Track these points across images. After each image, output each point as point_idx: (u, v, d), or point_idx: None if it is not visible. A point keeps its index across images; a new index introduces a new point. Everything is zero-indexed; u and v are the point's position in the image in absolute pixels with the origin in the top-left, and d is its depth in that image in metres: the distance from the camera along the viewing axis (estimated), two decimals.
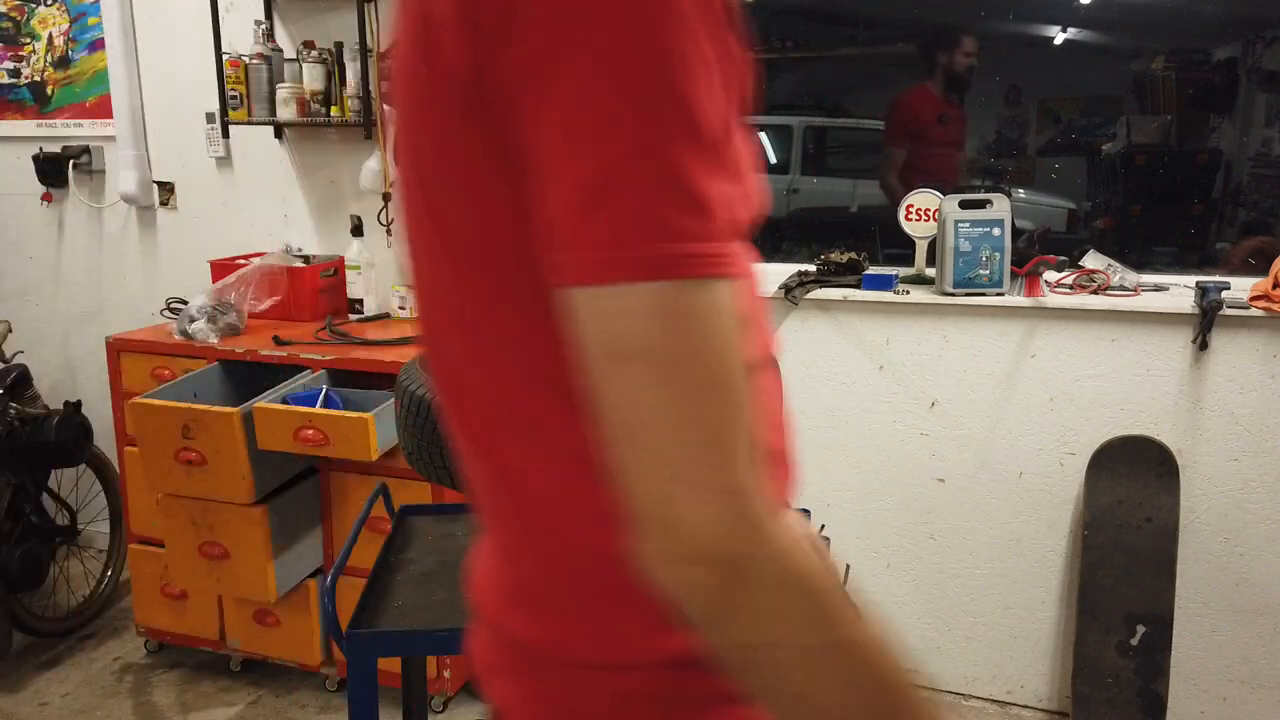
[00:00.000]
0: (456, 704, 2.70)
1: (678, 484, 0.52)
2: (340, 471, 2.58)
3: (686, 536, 0.52)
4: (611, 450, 0.54)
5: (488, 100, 0.55)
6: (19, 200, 3.53)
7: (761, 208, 0.62)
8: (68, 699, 2.77)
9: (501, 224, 0.59)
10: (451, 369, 0.71)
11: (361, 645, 1.27)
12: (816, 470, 2.76)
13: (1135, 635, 2.45)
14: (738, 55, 0.57)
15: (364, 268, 2.93)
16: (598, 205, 0.51)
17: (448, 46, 0.55)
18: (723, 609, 0.54)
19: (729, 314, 0.53)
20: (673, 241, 0.51)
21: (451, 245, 0.63)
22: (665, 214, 0.51)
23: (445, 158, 0.59)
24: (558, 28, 0.51)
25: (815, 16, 4.81)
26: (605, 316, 0.52)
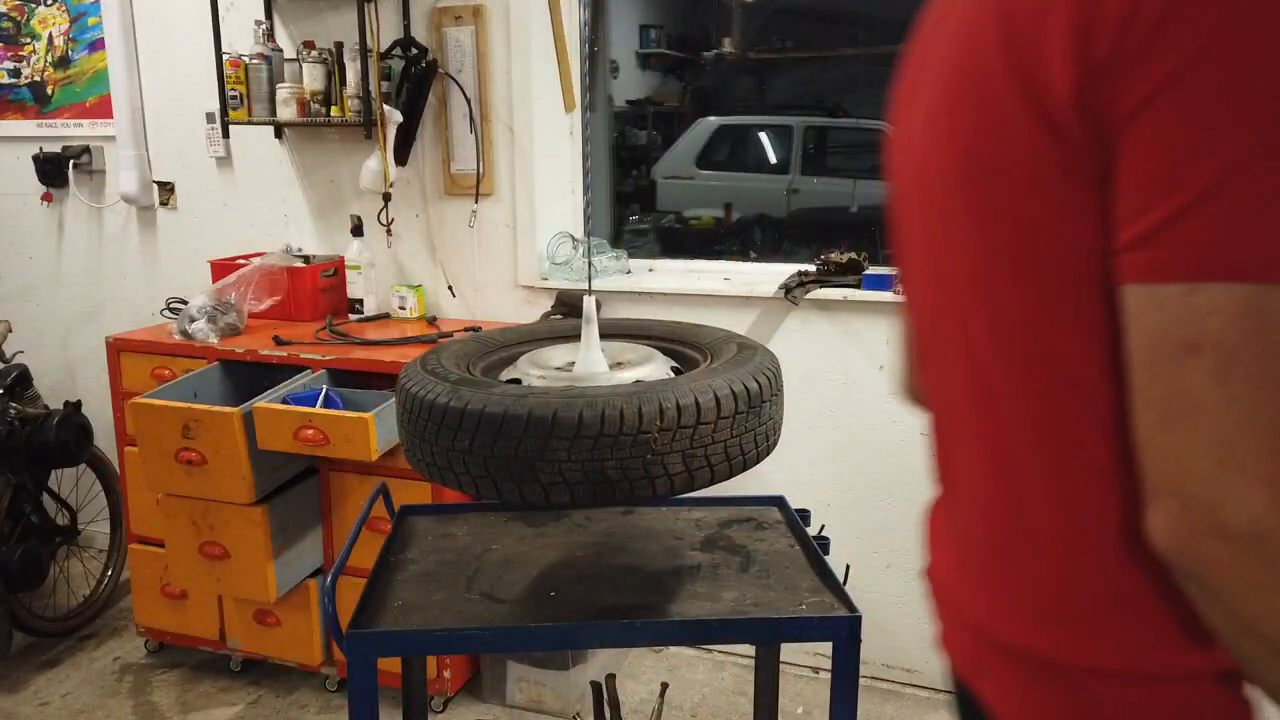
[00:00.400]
0: (456, 704, 2.70)
1: (1228, 468, 0.56)
2: (340, 471, 2.58)
3: (1228, 515, 0.57)
4: (1158, 436, 0.59)
5: (1084, 118, 0.59)
6: (19, 200, 3.53)
7: None
8: (68, 699, 2.77)
9: (1067, 234, 0.62)
10: (971, 377, 0.74)
11: (361, 645, 1.27)
12: (816, 470, 2.76)
13: None
14: None
15: (364, 268, 2.94)
16: (1209, 204, 0.54)
17: (1049, 76, 0.59)
18: (1244, 585, 0.58)
19: None
20: (1275, 247, 0.54)
21: (1004, 258, 0.66)
22: (1276, 219, 0.54)
23: (1009, 174, 0.63)
24: (1215, 35, 0.53)
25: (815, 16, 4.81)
26: (1189, 310, 0.56)
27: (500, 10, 2.80)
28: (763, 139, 4.92)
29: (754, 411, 1.28)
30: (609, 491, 1.19)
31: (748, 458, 1.30)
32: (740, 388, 1.27)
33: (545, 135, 2.91)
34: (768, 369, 1.34)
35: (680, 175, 4.78)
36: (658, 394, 1.22)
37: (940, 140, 0.70)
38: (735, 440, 1.27)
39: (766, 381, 1.32)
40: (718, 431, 1.24)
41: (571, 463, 1.17)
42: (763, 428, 1.32)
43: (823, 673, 2.84)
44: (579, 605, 1.38)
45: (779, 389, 1.36)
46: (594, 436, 1.16)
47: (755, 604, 1.36)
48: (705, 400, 1.23)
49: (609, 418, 1.17)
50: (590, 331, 1.48)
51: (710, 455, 1.24)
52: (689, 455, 1.22)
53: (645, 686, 2.77)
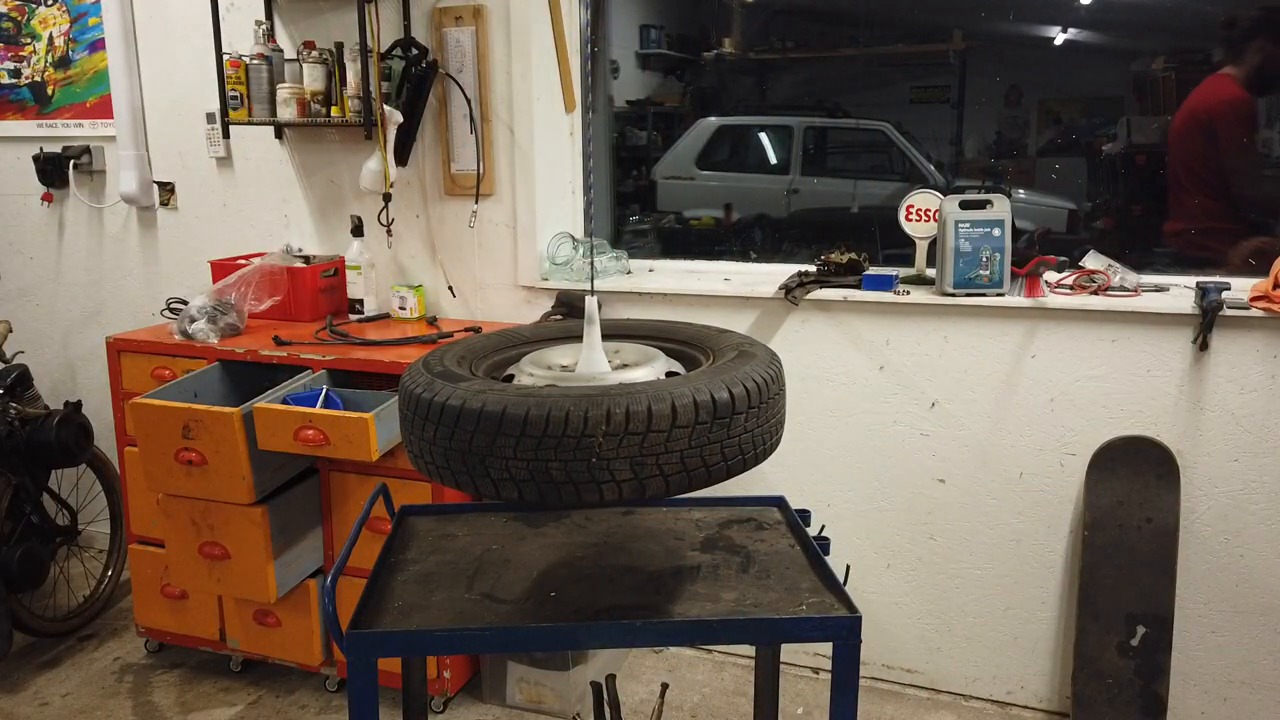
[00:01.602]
0: (456, 704, 2.70)
1: None
2: (340, 471, 2.58)
3: None
4: None
5: None
6: (19, 200, 3.53)
7: None
8: (68, 699, 2.77)
9: None
10: None
11: (362, 645, 1.27)
12: (816, 470, 2.76)
13: (1135, 636, 2.45)
14: None
15: (364, 268, 2.94)
16: None
17: None
18: None
19: None
20: None
21: None
22: None
23: None
24: None
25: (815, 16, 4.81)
26: None
27: (500, 10, 2.80)
28: (763, 139, 4.92)
29: (720, 423, 1.22)
30: (554, 492, 1.19)
31: (712, 470, 1.23)
32: (705, 398, 1.21)
33: (545, 135, 2.91)
34: (750, 379, 1.27)
35: (680, 175, 4.77)
36: (609, 399, 1.18)
37: None
38: (695, 451, 1.21)
39: (742, 393, 1.25)
40: (672, 441, 1.19)
41: (518, 460, 1.18)
42: (733, 441, 1.24)
43: (823, 673, 2.83)
44: (579, 605, 1.38)
45: (763, 402, 1.28)
46: (538, 436, 1.16)
47: (755, 604, 1.36)
48: (659, 408, 1.18)
49: (554, 419, 1.16)
50: (592, 332, 1.48)
51: (664, 464, 1.19)
52: (638, 463, 1.18)
53: (645, 686, 2.77)
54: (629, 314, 2.84)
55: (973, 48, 3.48)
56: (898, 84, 4.38)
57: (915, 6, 3.69)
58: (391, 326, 2.89)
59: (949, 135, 4.22)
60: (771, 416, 1.31)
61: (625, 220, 3.92)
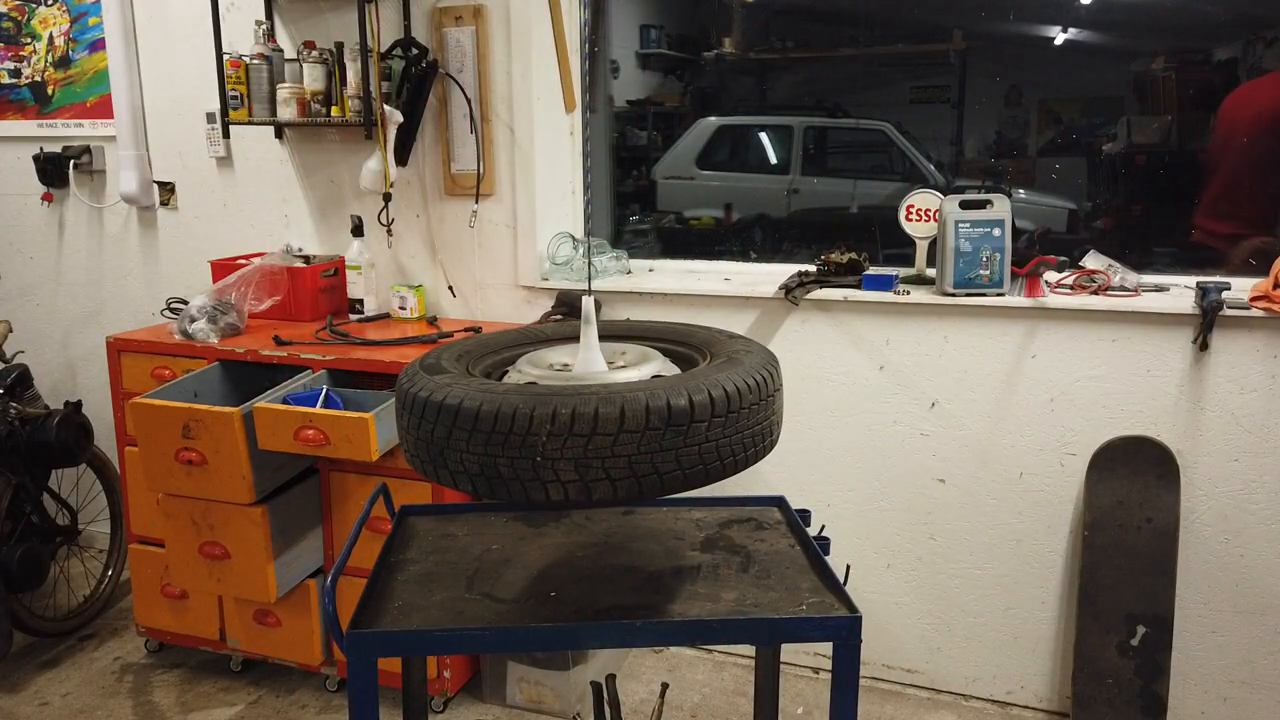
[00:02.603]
0: (456, 704, 2.70)
1: None
2: (340, 471, 2.58)
3: None
4: None
5: None
6: (19, 200, 3.53)
7: None
8: (68, 699, 2.77)
9: None
10: None
11: (362, 645, 1.27)
12: (816, 470, 2.76)
13: (1135, 635, 2.45)
14: None
15: (364, 268, 2.94)
16: None
17: None
18: None
19: None
20: None
21: None
22: None
23: None
24: None
25: (815, 16, 4.81)
26: None
27: (500, 10, 2.80)
28: (763, 139, 4.92)
29: (675, 430, 1.18)
30: (503, 488, 1.20)
31: (665, 478, 1.19)
32: (660, 403, 1.17)
33: (545, 135, 2.91)
34: (718, 387, 1.22)
35: (680, 175, 4.77)
36: (558, 399, 1.17)
37: None
38: (645, 457, 1.17)
39: (704, 400, 1.20)
40: (619, 445, 1.16)
41: (470, 454, 1.20)
42: (691, 449, 1.20)
43: (823, 673, 2.84)
44: (579, 605, 1.38)
45: (733, 411, 1.23)
46: (487, 432, 1.18)
47: (755, 604, 1.36)
48: (607, 411, 1.15)
49: (502, 415, 1.17)
50: (589, 332, 1.48)
51: (610, 468, 1.17)
52: (582, 465, 1.16)
53: (645, 686, 2.77)
54: (629, 314, 2.84)
55: (973, 48, 3.48)
56: (898, 84, 4.37)
57: (915, 6, 3.69)
58: (391, 326, 2.89)
59: (949, 135, 4.22)
60: (745, 427, 1.26)
61: (625, 220, 3.92)
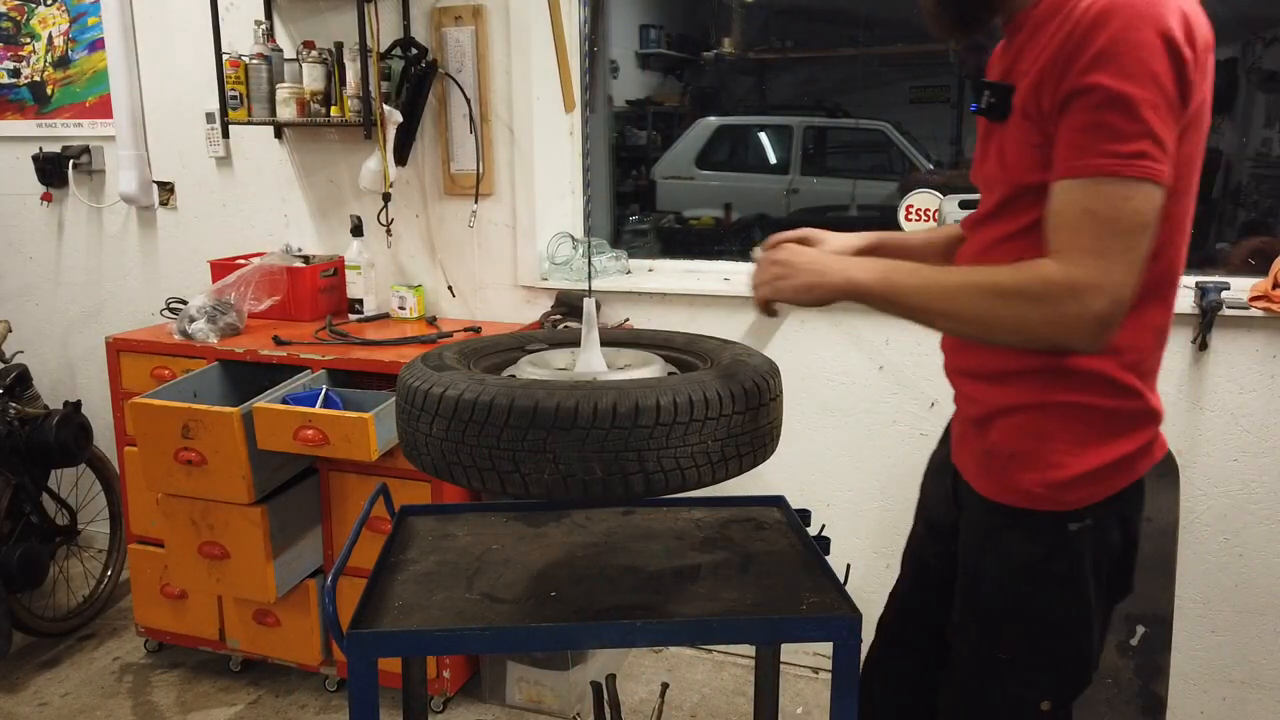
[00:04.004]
0: (456, 704, 2.70)
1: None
2: (340, 471, 2.58)
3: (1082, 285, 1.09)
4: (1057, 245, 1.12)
5: (1045, 115, 1.15)
6: (19, 200, 3.53)
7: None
8: (67, 699, 2.77)
9: (1034, 164, 1.17)
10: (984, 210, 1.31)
11: (362, 645, 1.27)
12: (816, 470, 2.76)
13: (1135, 635, 2.45)
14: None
15: (364, 268, 2.94)
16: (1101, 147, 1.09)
17: (1045, 102, 1.14)
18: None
19: (1144, 196, 1.09)
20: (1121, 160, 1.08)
21: (1012, 174, 1.22)
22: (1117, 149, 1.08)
23: (1025, 142, 1.19)
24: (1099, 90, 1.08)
25: (815, 16, 4.82)
26: (1091, 189, 1.10)
27: (500, 10, 2.80)
28: (762, 139, 4.92)
29: (572, 432, 1.18)
30: (462, 475, 1.25)
31: (589, 482, 1.19)
32: (588, 407, 1.17)
33: (545, 135, 2.91)
34: (667, 395, 1.20)
35: (680, 175, 4.77)
36: (495, 388, 1.21)
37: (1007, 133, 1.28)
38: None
39: (635, 409, 1.18)
40: (504, 440, 1.19)
41: (432, 438, 1.25)
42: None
43: (823, 673, 2.84)
44: (579, 605, 1.38)
45: (663, 424, 1.19)
46: (448, 418, 1.22)
47: (755, 604, 1.36)
48: (521, 403, 1.17)
49: (447, 397, 1.22)
50: (590, 334, 1.48)
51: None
52: (520, 458, 1.20)
53: (645, 686, 2.77)
54: (628, 314, 2.84)
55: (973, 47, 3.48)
56: (898, 84, 4.38)
57: (915, 6, 3.69)
58: (391, 326, 2.89)
59: (949, 135, 4.22)
60: (682, 442, 1.22)
61: (625, 220, 3.92)
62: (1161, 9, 1.08)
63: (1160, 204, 1.10)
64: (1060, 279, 1.10)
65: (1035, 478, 1.26)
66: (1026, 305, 1.12)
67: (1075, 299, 1.09)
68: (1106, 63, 1.08)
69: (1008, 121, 1.22)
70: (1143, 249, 1.10)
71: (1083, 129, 1.10)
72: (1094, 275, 1.09)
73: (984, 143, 1.31)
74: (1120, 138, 1.08)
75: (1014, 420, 1.28)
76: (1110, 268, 1.09)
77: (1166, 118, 1.09)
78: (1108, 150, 1.08)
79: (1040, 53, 1.16)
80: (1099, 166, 1.09)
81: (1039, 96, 1.15)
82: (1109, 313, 1.10)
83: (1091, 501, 1.26)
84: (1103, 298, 1.09)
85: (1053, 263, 1.11)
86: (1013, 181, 1.22)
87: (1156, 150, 1.08)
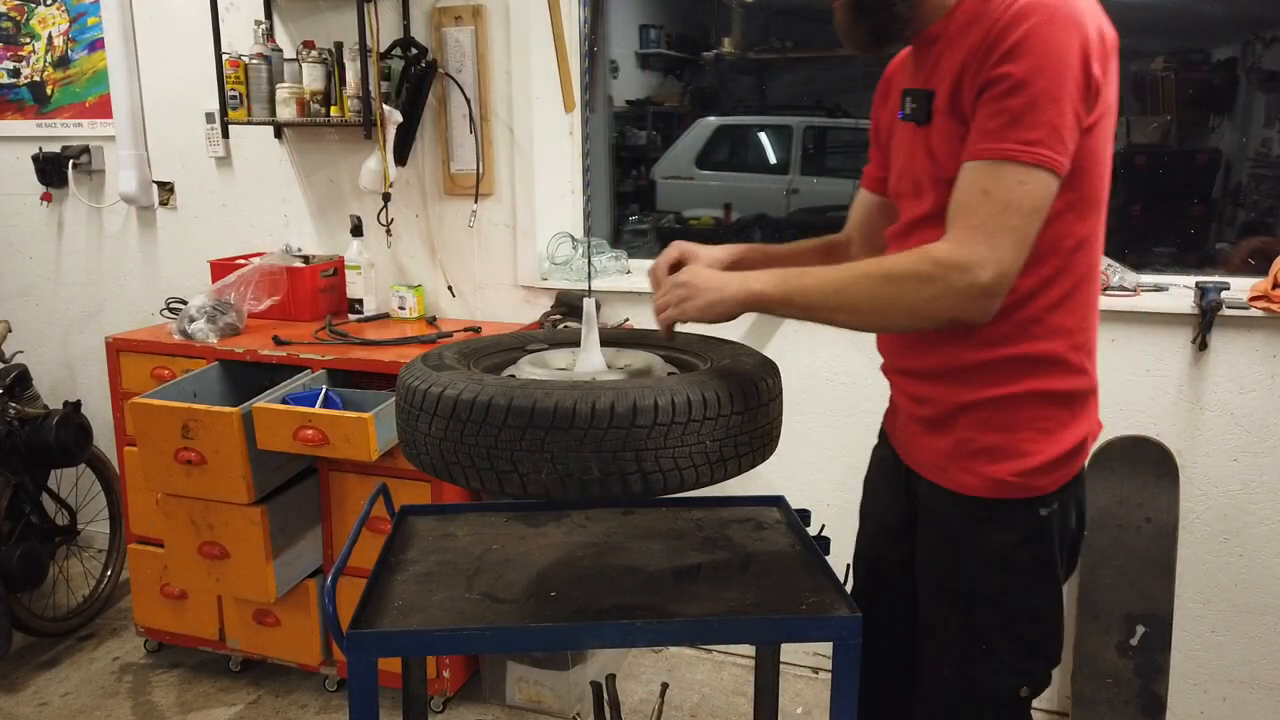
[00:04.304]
0: (456, 704, 2.70)
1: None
2: (340, 471, 2.58)
3: (970, 260, 1.16)
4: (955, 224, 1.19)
5: (966, 108, 1.21)
6: (19, 200, 3.53)
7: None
8: (67, 699, 2.77)
9: (956, 155, 1.22)
10: (918, 213, 1.34)
11: (362, 645, 1.27)
12: (816, 470, 2.76)
13: (1135, 635, 2.45)
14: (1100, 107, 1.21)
15: (364, 268, 2.94)
16: (1005, 134, 1.16)
17: (965, 96, 1.21)
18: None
19: (1038, 182, 1.16)
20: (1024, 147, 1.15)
21: (944, 169, 1.26)
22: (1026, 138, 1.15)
23: (952, 134, 1.25)
24: (1009, 79, 1.16)
25: (815, 16, 4.81)
26: (990, 171, 1.17)
27: (500, 10, 2.80)
28: (762, 139, 4.91)
29: (570, 432, 1.17)
30: (445, 470, 1.26)
31: (586, 482, 1.18)
32: (545, 405, 1.16)
33: (545, 135, 2.91)
34: (665, 395, 1.20)
35: (680, 175, 4.77)
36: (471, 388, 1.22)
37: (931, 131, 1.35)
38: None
39: (632, 409, 1.18)
40: (505, 436, 1.19)
41: (431, 437, 1.26)
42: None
43: (823, 673, 2.84)
44: (579, 605, 1.38)
45: (661, 424, 1.19)
46: (446, 418, 1.23)
47: (755, 604, 1.36)
48: (518, 403, 1.18)
49: (445, 396, 1.24)
50: (590, 334, 1.48)
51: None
52: (494, 454, 1.22)
53: (645, 686, 2.77)
54: (628, 314, 2.84)
55: None
56: None
57: None
58: (391, 326, 2.89)
59: None
60: (680, 443, 1.21)
61: (625, 220, 3.92)
62: (1076, 10, 1.16)
63: (1054, 191, 1.17)
64: (948, 257, 1.16)
65: (1008, 468, 1.30)
66: (919, 285, 1.18)
67: (962, 273, 1.16)
68: (1020, 55, 1.14)
69: (933, 124, 1.29)
70: (1031, 231, 1.17)
71: (991, 115, 1.16)
72: (982, 251, 1.15)
73: (909, 149, 1.36)
74: (1023, 126, 1.14)
75: (980, 415, 1.32)
76: (998, 244, 1.15)
77: (1070, 112, 1.15)
78: (1010, 136, 1.15)
79: (961, 53, 1.22)
80: (1001, 151, 1.15)
81: (960, 91, 1.22)
82: (995, 284, 1.16)
83: (1059, 485, 1.32)
84: (988, 269, 1.15)
85: (942, 243, 1.18)
86: (943, 176, 1.26)
87: (1056, 141, 1.15)
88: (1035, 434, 1.30)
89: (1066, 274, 1.26)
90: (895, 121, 1.41)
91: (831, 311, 1.25)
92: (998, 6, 1.19)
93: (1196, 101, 2.94)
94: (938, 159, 1.28)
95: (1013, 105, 1.15)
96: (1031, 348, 1.28)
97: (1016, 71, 1.14)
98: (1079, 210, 1.25)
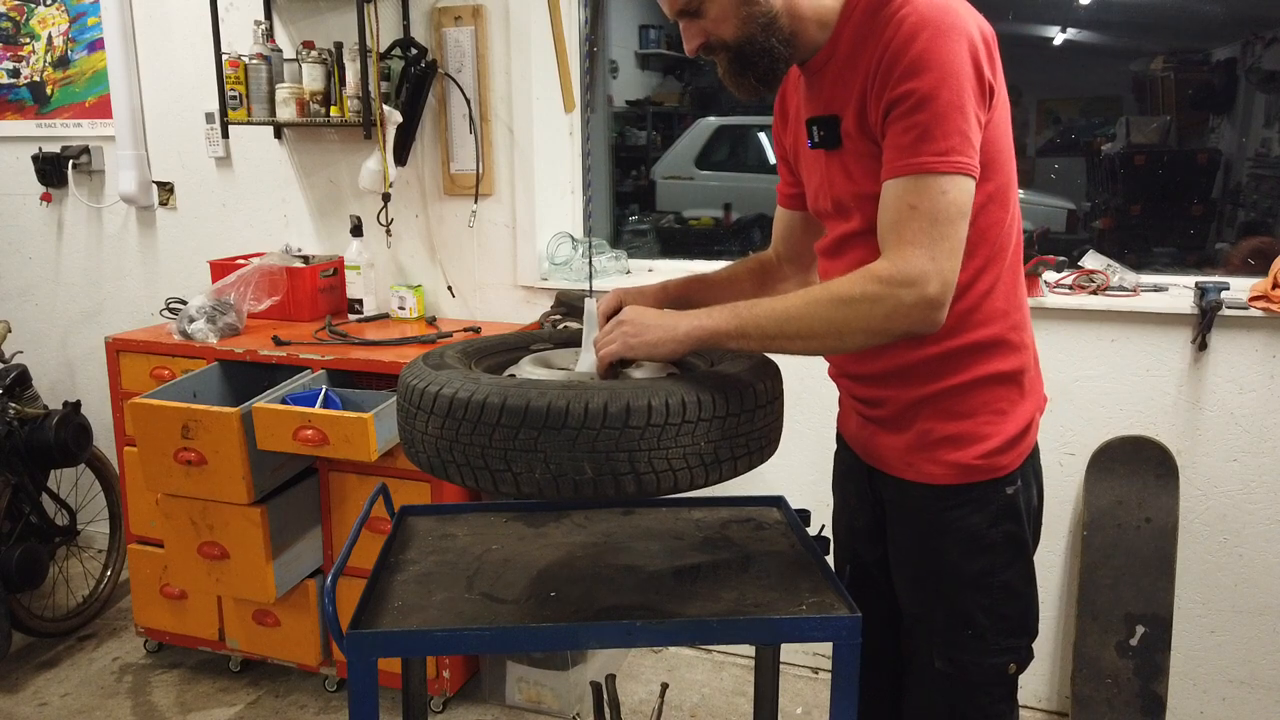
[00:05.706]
0: (456, 704, 2.70)
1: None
2: (340, 471, 2.58)
3: (914, 276, 1.20)
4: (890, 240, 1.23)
5: (873, 127, 1.27)
6: (19, 200, 3.53)
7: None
8: (67, 699, 2.77)
9: (874, 173, 1.27)
10: (847, 230, 1.39)
11: (362, 645, 1.27)
12: (816, 470, 2.76)
13: (1135, 635, 2.45)
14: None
15: (363, 268, 2.94)
16: (920, 148, 1.21)
17: (872, 117, 1.27)
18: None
19: (959, 188, 1.21)
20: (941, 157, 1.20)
21: (861, 186, 1.32)
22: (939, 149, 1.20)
23: (866, 154, 1.30)
24: (913, 95, 1.21)
25: None
26: (913, 186, 1.21)
27: (500, 10, 2.80)
28: (762, 139, 4.92)
29: (563, 432, 1.17)
30: (442, 468, 1.27)
31: (579, 482, 1.19)
32: (539, 405, 1.17)
33: (545, 135, 2.91)
34: (659, 397, 1.20)
35: (680, 175, 4.77)
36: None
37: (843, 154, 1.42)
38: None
39: (625, 410, 1.18)
40: (478, 432, 1.20)
41: (428, 434, 1.27)
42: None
43: (823, 673, 2.84)
44: (579, 605, 1.38)
45: (654, 425, 1.19)
46: (443, 417, 1.23)
47: (755, 604, 1.36)
48: (512, 403, 1.18)
49: (442, 395, 1.24)
50: (590, 334, 1.48)
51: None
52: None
53: (645, 686, 2.77)
54: None
55: None
56: None
57: None
58: (391, 326, 2.89)
59: None
60: (674, 444, 1.21)
61: (624, 220, 3.92)
62: (960, 20, 1.22)
63: (972, 193, 1.23)
64: (893, 275, 1.21)
65: (972, 452, 1.36)
66: (870, 306, 1.22)
67: (909, 288, 1.20)
68: (919, 72, 1.20)
69: (844, 147, 1.34)
70: (962, 235, 1.22)
71: (902, 132, 1.22)
72: (924, 264, 1.20)
73: (825, 173, 1.40)
74: (935, 138, 1.20)
75: (936, 407, 1.38)
76: (936, 255, 1.20)
77: (973, 115, 1.21)
78: (925, 150, 1.20)
79: (859, 77, 1.28)
80: (919, 165, 1.21)
81: (865, 112, 1.27)
82: (941, 294, 1.21)
83: (1020, 461, 1.39)
84: (934, 282, 1.20)
85: (884, 262, 1.22)
86: (864, 193, 1.31)
87: (966, 146, 1.21)
88: (992, 415, 1.37)
89: (995, 261, 1.33)
90: (801, 144, 1.46)
91: (787, 340, 1.27)
92: (884, 28, 1.24)
93: (1196, 101, 2.94)
94: (856, 179, 1.33)
95: (921, 120, 1.20)
96: (974, 335, 1.34)
97: (920, 87, 1.20)
98: (998, 199, 1.31)
